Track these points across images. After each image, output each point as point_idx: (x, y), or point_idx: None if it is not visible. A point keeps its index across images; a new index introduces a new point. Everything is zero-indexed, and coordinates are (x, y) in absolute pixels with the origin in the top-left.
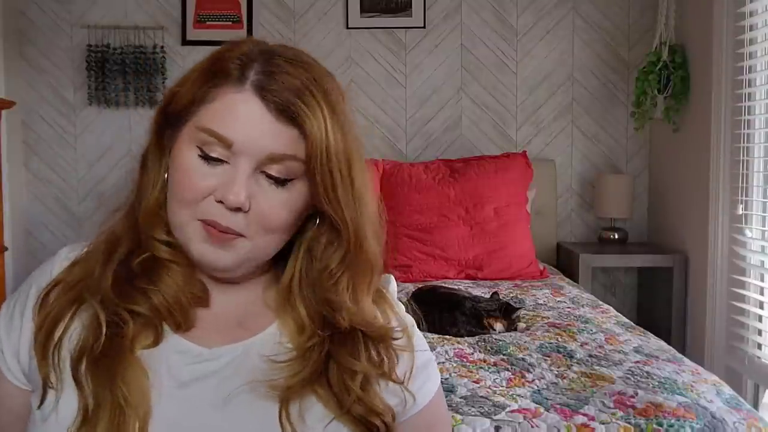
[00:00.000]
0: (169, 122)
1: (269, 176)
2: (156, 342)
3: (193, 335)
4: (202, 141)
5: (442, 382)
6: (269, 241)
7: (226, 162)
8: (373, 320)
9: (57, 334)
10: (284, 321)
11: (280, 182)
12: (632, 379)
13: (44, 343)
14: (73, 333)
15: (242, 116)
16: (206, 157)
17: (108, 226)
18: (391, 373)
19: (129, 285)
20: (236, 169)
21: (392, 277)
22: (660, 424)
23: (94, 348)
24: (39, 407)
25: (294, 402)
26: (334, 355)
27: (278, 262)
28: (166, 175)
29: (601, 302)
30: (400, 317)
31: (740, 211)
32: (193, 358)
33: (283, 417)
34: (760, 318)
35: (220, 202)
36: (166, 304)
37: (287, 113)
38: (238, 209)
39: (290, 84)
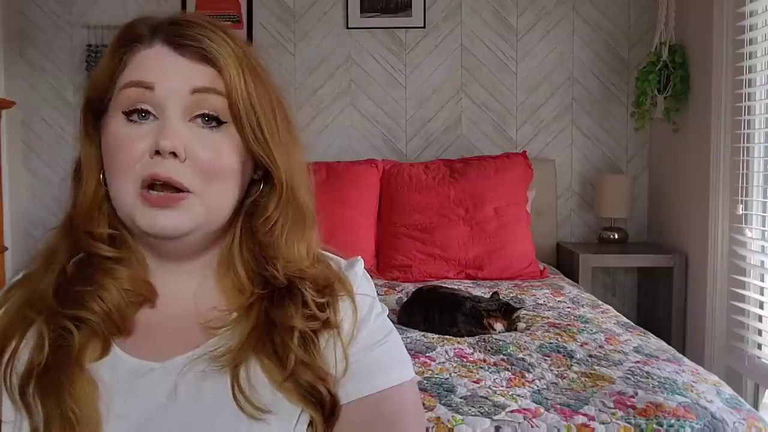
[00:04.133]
0: (95, 112)
1: (200, 119)
2: (104, 352)
3: (142, 348)
4: (125, 103)
5: (441, 382)
6: (219, 193)
7: (154, 116)
8: (307, 266)
9: (4, 359)
10: (224, 285)
11: (212, 124)
12: (632, 379)
13: None
14: (21, 356)
15: (157, 64)
16: (133, 117)
17: (44, 243)
18: (331, 323)
19: (71, 291)
20: (165, 117)
21: (361, 259)
22: (660, 424)
23: (39, 364)
24: None
25: (242, 368)
26: (273, 314)
27: None
28: (101, 175)
29: (601, 302)
30: (349, 284)
31: (740, 211)
32: (143, 375)
33: (236, 389)
34: (760, 318)
35: (157, 154)
36: (105, 309)
37: (199, 52)
38: (174, 155)
39: (200, 29)
